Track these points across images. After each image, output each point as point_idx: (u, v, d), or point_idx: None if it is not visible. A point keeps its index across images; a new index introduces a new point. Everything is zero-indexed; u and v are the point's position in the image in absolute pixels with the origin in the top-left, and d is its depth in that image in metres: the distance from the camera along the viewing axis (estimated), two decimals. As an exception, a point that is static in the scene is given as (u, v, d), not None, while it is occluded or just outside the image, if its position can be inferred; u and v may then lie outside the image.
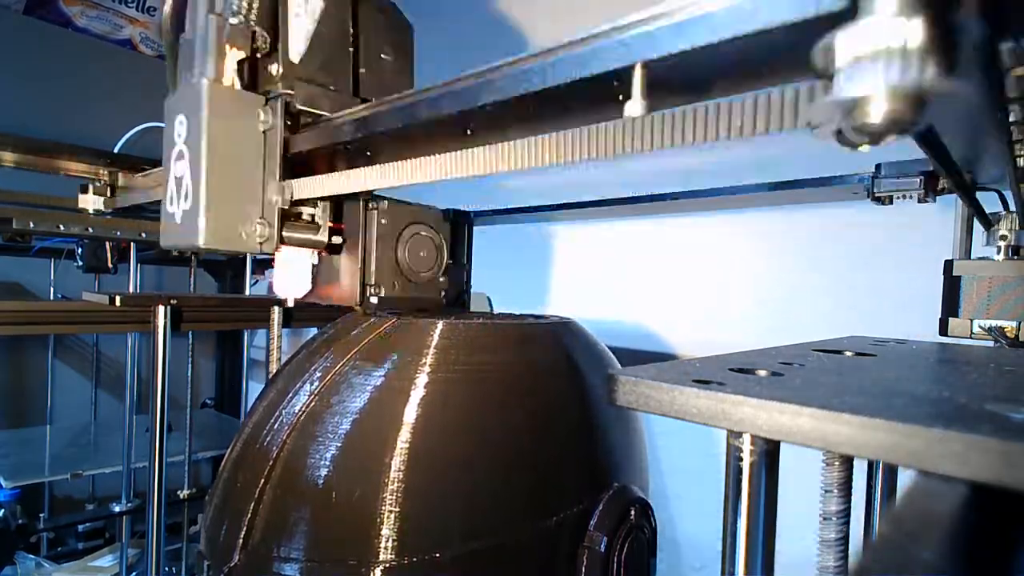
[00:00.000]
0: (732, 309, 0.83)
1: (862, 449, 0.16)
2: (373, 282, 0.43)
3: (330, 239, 0.41)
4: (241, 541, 0.39)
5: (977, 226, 0.45)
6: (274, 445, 0.41)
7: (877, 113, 0.16)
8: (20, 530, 0.95)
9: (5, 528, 0.93)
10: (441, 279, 0.47)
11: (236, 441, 0.45)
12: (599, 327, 0.55)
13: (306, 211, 0.41)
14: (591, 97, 0.26)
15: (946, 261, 0.43)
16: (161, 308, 0.67)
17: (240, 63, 0.37)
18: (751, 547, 0.22)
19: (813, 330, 0.42)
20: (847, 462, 0.23)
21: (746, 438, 0.21)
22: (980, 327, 0.41)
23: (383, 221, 0.42)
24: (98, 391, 1.47)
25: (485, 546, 0.39)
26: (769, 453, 0.21)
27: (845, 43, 0.16)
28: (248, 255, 1.21)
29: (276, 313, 0.77)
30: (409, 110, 0.31)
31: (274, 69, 0.38)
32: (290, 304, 0.45)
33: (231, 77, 0.36)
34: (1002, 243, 0.42)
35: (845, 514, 0.23)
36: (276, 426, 0.42)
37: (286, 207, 0.38)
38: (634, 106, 0.23)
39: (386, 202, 0.42)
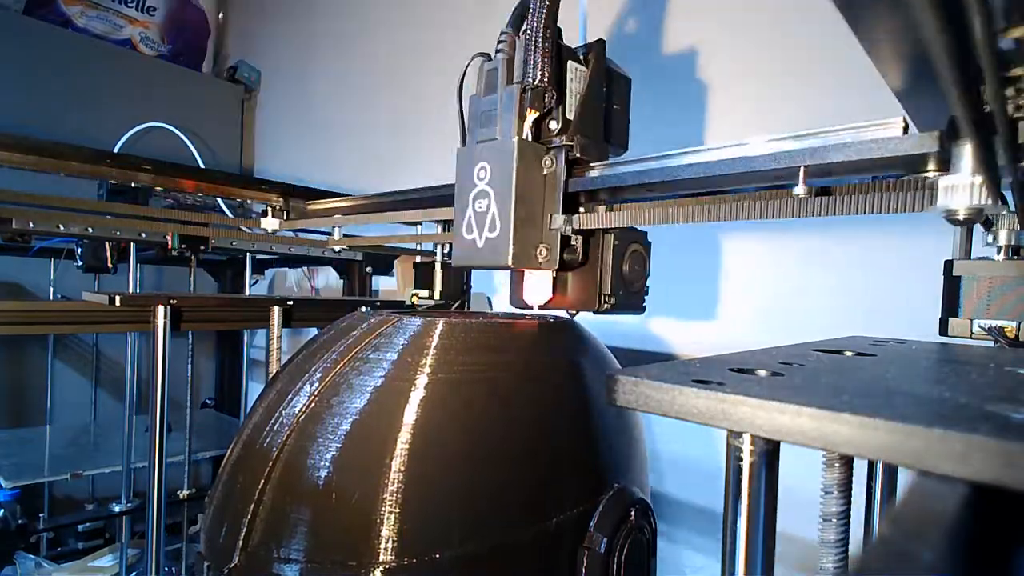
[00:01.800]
0: (732, 309, 0.83)
1: (862, 449, 0.16)
2: (608, 292, 0.51)
3: (581, 258, 0.51)
4: (241, 542, 0.39)
5: (977, 226, 0.45)
6: (274, 446, 0.41)
7: (960, 215, 0.30)
8: (20, 530, 0.95)
9: (5, 528, 0.93)
10: (645, 287, 0.56)
11: (236, 442, 0.45)
12: (599, 327, 0.55)
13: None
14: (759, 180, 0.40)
15: (946, 261, 0.43)
16: (161, 308, 0.67)
17: (534, 121, 0.47)
18: (751, 547, 0.22)
19: (813, 330, 0.42)
20: (847, 463, 0.23)
21: (746, 438, 0.21)
22: (980, 327, 0.41)
23: (616, 243, 0.51)
24: (98, 391, 1.47)
25: (485, 547, 0.39)
26: (769, 453, 0.21)
27: (944, 181, 0.30)
28: (248, 255, 1.21)
29: (276, 313, 0.77)
30: (663, 171, 0.43)
31: (553, 124, 0.48)
32: (535, 310, 0.53)
33: (527, 133, 0.46)
34: (1002, 243, 0.42)
35: (845, 515, 0.23)
36: (276, 427, 0.42)
37: (568, 235, 0.48)
38: (799, 189, 0.35)
39: (618, 228, 0.51)
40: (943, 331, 0.43)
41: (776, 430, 0.18)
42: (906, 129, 0.32)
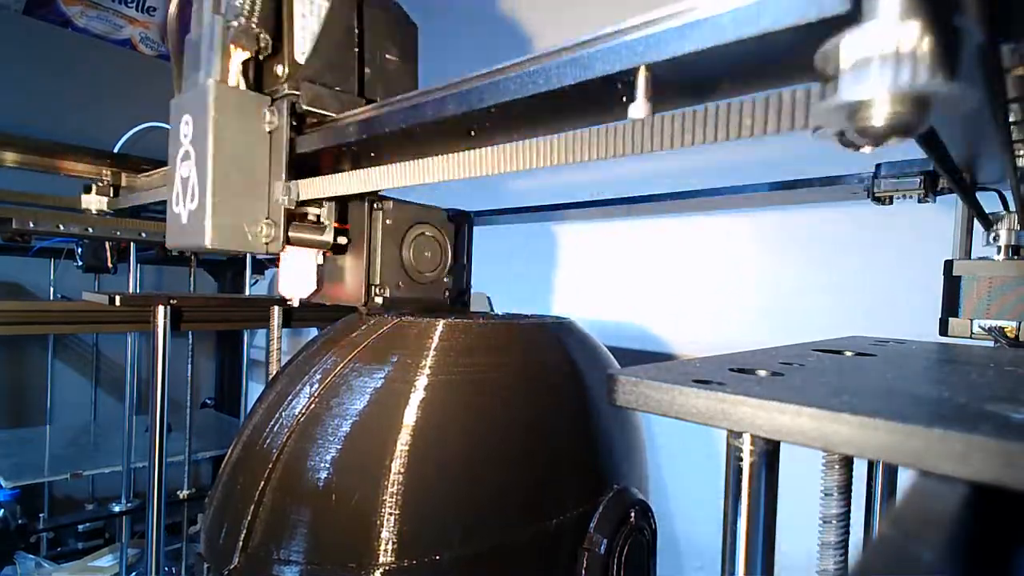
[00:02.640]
0: (732, 309, 0.83)
1: (862, 449, 0.16)
2: (379, 282, 0.43)
3: (335, 239, 0.41)
4: (241, 543, 0.39)
5: (977, 226, 0.45)
6: (274, 447, 0.41)
7: (879, 116, 0.16)
8: (20, 530, 0.95)
9: (5, 528, 0.93)
10: (445, 279, 0.47)
11: (236, 443, 0.45)
12: (599, 327, 0.55)
13: (312, 211, 0.41)
14: (595, 99, 0.27)
15: (946, 261, 0.43)
16: (161, 308, 0.67)
17: (245, 63, 0.37)
18: (751, 547, 0.22)
19: (813, 330, 0.42)
20: (847, 464, 0.23)
21: (746, 438, 0.21)
22: (980, 327, 0.41)
23: (388, 221, 0.42)
24: (98, 391, 1.47)
25: (485, 548, 0.39)
26: (769, 453, 0.21)
27: (848, 47, 0.17)
28: (248, 255, 1.21)
29: (276, 313, 0.77)
30: (414, 111, 0.31)
31: (279, 70, 0.38)
32: (295, 304, 0.45)
33: (236, 77, 0.37)
34: (1002, 243, 0.42)
35: (845, 517, 0.23)
36: (276, 428, 0.42)
37: (292, 207, 0.38)
38: (637, 108, 0.23)
39: (391, 202, 0.42)
40: (943, 331, 0.43)
41: (776, 430, 0.18)
42: None
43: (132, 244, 1.01)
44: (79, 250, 1.00)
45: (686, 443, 0.84)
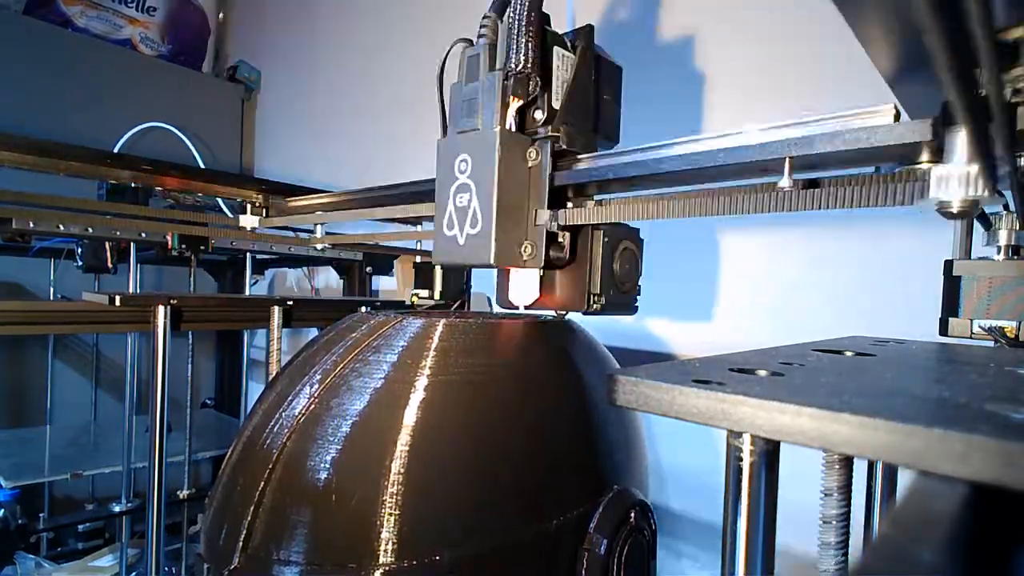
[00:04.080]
0: (731, 309, 0.83)
1: (862, 449, 0.16)
2: (597, 291, 0.49)
3: (569, 256, 0.49)
4: (241, 544, 0.39)
5: (977, 226, 0.45)
6: (274, 448, 0.41)
7: (955, 208, 0.28)
8: (20, 530, 0.95)
9: (5, 528, 0.93)
10: (638, 286, 0.54)
11: (236, 443, 0.45)
12: (599, 327, 0.55)
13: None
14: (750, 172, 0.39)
15: (946, 261, 0.43)
16: (161, 308, 0.67)
17: (516, 110, 0.45)
18: (751, 547, 0.22)
19: (813, 330, 0.42)
20: (847, 464, 0.23)
21: (746, 438, 0.21)
22: (980, 327, 0.41)
23: (606, 239, 0.48)
24: (98, 391, 1.47)
25: (485, 549, 0.39)
26: (769, 453, 0.21)
27: (937, 171, 0.28)
28: (248, 255, 1.21)
29: (276, 313, 0.77)
30: (641, 165, 0.42)
31: (538, 115, 0.46)
32: (521, 310, 0.51)
33: (510, 122, 0.44)
34: (1002, 243, 0.42)
35: (845, 517, 0.23)
36: (276, 429, 0.42)
37: (555, 231, 0.46)
38: (784, 182, 0.34)
39: (607, 223, 0.48)
40: (943, 331, 0.43)
41: (776, 430, 0.18)
42: (897, 117, 0.31)
43: (132, 244, 1.01)
44: (79, 250, 1.00)
45: (686, 442, 0.84)
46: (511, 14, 0.44)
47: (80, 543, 1.31)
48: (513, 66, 0.43)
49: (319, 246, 0.94)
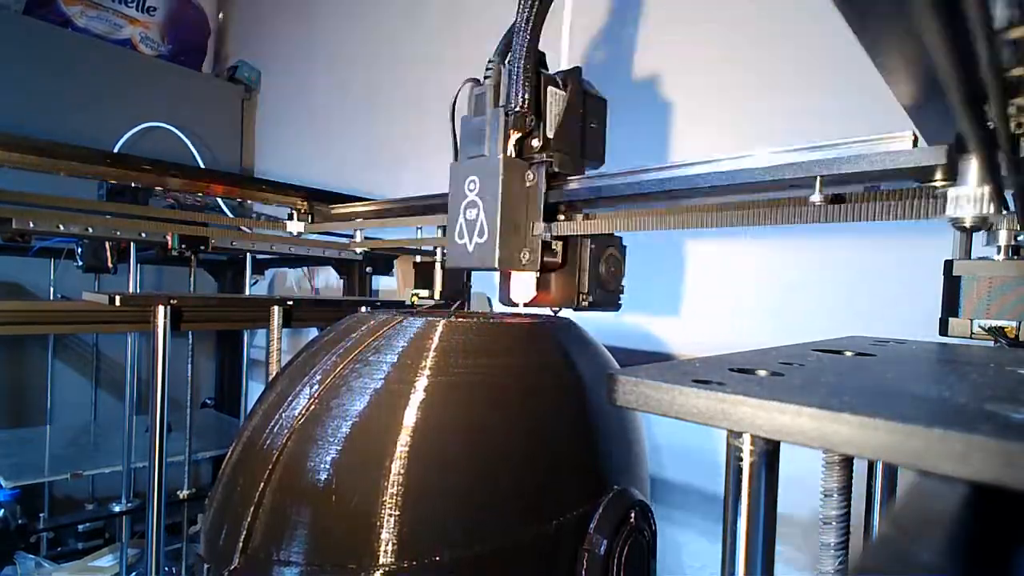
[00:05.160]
0: (732, 309, 0.83)
1: (862, 449, 0.16)
2: (585, 291, 0.57)
3: (560, 261, 0.57)
4: (241, 544, 0.39)
5: (977, 226, 0.45)
6: (274, 448, 0.41)
7: (967, 222, 0.33)
8: (20, 530, 0.95)
9: (5, 528, 0.93)
10: (621, 286, 0.61)
11: (236, 444, 0.45)
12: (599, 327, 0.56)
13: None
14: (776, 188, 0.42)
15: (946, 261, 0.43)
16: (161, 308, 0.67)
17: (516, 141, 0.53)
18: (751, 547, 0.22)
19: (813, 330, 0.42)
20: (847, 465, 0.23)
21: (746, 438, 0.21)
22: (980, 327, 0.41)
23: (592, 247, 0.57)
24: (98, 391, 1.47)
25: (485, 549, 0.39)
26: (769, 453, 0.21)
27: (952, 191, 0.33)
28: (249, 255, 1.22)
29: (276, 313, 0.77)
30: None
31: (535, 143, 0.54)
32: (520, 308, 0.58)
33: (511, 150, 0.52)
34: (1002, 243, 0.42)
35: (845, 518, 0.23)
36: (276, 429, 0.42)
37: (549, 240, 0.54)
38: (816, 197, 0.38)
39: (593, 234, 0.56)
40: (943, 331, 0.43)
41: (776, 430, 0.18)
42: (915, 142, 0.34)
43: (132, 244, 1.01)
44: (79, 250, 1.00)
45: (686, 442, 0.84)
46: (511, 60, 0.52)
47: (80, 543, 1.31)
48: (513, 106, 0.52)
49: (358, 249, 1.00)
